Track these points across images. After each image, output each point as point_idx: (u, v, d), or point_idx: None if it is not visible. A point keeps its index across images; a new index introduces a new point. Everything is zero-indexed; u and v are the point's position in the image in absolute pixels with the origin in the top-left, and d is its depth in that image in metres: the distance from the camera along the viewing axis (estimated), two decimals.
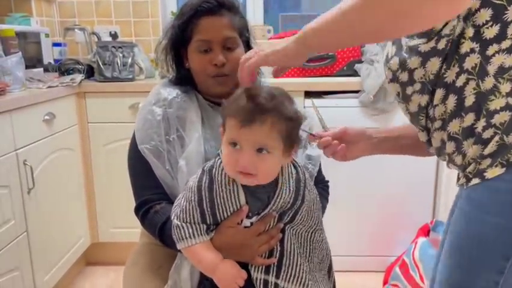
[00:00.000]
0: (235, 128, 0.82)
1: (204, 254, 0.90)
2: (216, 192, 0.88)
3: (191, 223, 0.89)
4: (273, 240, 0.92)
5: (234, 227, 0.91)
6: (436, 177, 2.14)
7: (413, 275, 1.89)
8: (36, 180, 1.75)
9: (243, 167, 0.83)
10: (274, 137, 0.83)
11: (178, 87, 1.12)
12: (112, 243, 2.31)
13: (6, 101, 1.61)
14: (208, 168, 0.90)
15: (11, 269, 1.61)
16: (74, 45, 2.67)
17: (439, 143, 0.87)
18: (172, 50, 1.12)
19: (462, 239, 0.81)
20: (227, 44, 1.05)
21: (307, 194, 0.93)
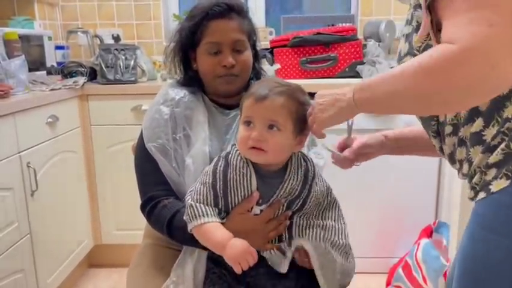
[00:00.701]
0: (250, 105, 0.90)
1: (214, 232, 0.92)
2: (230, 175, 0.92)
3: (204, 204, 0.93)
4: (281, 226, 0.95)
5: (244, 213, 0.94)
6: (439, 178, 2.14)
7: (416, 276, 1.89)
8: (40, 183, 1.76)
9: (255, 141, 0.88)
10: (285, 115, 0.89)
11: (186, 88, 1.14)
12: (115, 245, 2.31)
13: (10, 104, 1.62)
14: (225, 154, 0.95)
15: (15, 271, 1.61)
16: (77, 48, 2.69)
17: (451, 148, 0.84)
18: (180, 51, 1.14)
19: (469, 260, 0.76)
20: (236, 47, 1.08)
21: (314, 185, 0.95)
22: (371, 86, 0.78)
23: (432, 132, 0.88)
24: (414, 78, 0.69)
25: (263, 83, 0.94)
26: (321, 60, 2.17)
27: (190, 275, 1.00)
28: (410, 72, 0.70)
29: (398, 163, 2.09)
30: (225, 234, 0.92)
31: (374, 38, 2.33)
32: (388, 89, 0.74)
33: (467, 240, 0.77)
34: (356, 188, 2.11)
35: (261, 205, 0.93)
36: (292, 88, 0.92)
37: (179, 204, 1.02)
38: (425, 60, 0.68)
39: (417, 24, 0.80)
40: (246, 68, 1.10)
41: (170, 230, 1.03)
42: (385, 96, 0.76)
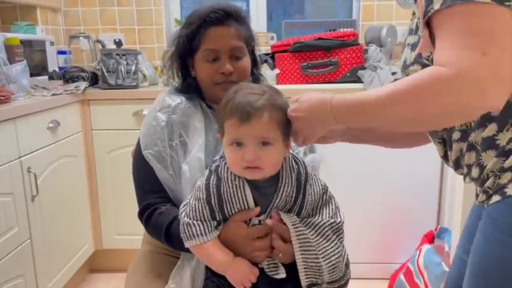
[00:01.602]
0: (235, 127, 0.86)
1: (215, 253, 0.92)
2: (223, 189, 0.91)
3: (201, 220, 0.92)
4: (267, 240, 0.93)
5: (238, 222, 0.93)
6: (441, 183, 2.13)
7: (417, 282, 1.88)
8: (40, 188, 1.76)
9: (250, 162, 0.86)
10: (274, 128, 0.87)
11: (183, 94, 1.14)
12: (116, 250, 2.31)
13: (11, 109, 1.63)
14: (214, 168, 0.94)
15: (15, 276, 1.61)
16: (78, 53, 2.70)
17: (458, 154, 0.85)
18: (178, 58, 1.14)
19: (483, 262, 0.77)
20: (234, 53, 1.08)
21: (308, 187, 0.94)
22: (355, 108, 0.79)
23: (438, 139, 0.88)
24: (401, 102, 0.71)
25: (238, 95, 0.88)
26: (322, 65, 2.17)
27: (188, 281, 1.00)
28: (398, 95, 0.71)
29: (400, 168, 2.08)
30: (226, 256, 0.92)
31: (376, 43, 2.33)
32: (373, 111, 0.76)
33: (480, 242, 0.78)
34: (358, 193, 2.10)
35: (260, 215, 0.92)
36: (269, 95, 0.88)
37: (176, 211, 1.01)
38: (415, 83, 0.70)
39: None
40: (244, 74, 1.10)
41: (168, 238, 1.02)
42: (370, 117, 0.78)
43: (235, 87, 0.92)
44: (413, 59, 0.84)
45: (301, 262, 0.91)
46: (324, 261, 0.91)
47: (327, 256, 0.92)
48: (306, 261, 0.91)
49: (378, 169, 2.10)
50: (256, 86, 0.93)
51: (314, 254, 0.91)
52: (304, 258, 0.91)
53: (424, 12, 0.73)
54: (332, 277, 0.93)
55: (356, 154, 2.06)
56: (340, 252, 0.94)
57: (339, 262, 0.94)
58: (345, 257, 0.99)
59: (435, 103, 0.68)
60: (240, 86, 0.92)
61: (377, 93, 0.74)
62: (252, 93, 0.88)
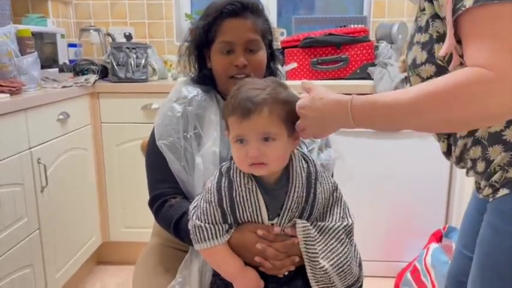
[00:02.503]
0: (237, 124, 0.86)
1: (225, 260, 0.92)
2: (235, 192, 0.90)
3: (212, 223, 0.91)
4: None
5: (254, 233, 0.91)
6: (449, 182, 2.11)
7: (424, 281, 1.87)
8: (50, 179, 1.77)
9: (254, 158, 0.85)
10: (276, 122, 0.85)
11: (199, 86, 1.14)
12: (123, 242, 2.32)
13: (22, 100, 1.64)
14: (225, 170, 0.92)
15: (23, 265, 1.62)
16: (89, 46, 2.71)
17: (462, 148, 0.85)
18: (195, 49, 1.14)
19: (494, 256, 0.78)
20: (249, 46, 1.07)
21: (319, 186, 0.93)
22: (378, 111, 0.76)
23: (444, 135, 0.88)
24: (443, 105, 0.69)
25: (240, 91, 0.88)
26: (332, 61, 2.16)
27: (196, 275, 1.00)
28: (436, 97, 0.69)
29: (409, 166, 2.07)
30: (236, 264, 0.92)
31: (386, 40, 2.31)
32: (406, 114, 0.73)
33: (488, 235, 0.79)
34: (366, 191, 2.09)
35: (272, 219, 0.91)
36: (272, 89, 0.87)
37: (186, 205, 1.01)
38: (454, 86, 0.68)
39: (438, 35, 0.79)
40: (258, 68, 1.09)
41: (177, 231, 1.03)
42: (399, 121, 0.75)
43: (238, 83, 0.91)
44: (425, 58, 0.83)
45: (311, 277, 0.91)
46: (334, 271, 0.90)
47: (339, 266, 0.91)
48: (315, 276, 0.90)
49: (387, 167, 2.09)
50: (259, 81, 0.91)
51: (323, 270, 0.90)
52: (313, 274, 0.90)
53: (453, 10, 0.72)
54: (345, 283, 0.93)
55: (365, 152, 2.05)
56: (350, 257, 0.94)
57: (350, 267, 0.93)
58: (358, 257, 0.98)
59: (478, 105, 0.67)
60: (243, 82, 0.91)
61: (408, 95, 0.72)
62: (254, 89, 0.87)
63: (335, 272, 0.90)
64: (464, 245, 0.99)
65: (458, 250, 1.02)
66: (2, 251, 1.50)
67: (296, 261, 0.91)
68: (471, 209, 1.00)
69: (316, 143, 1.13)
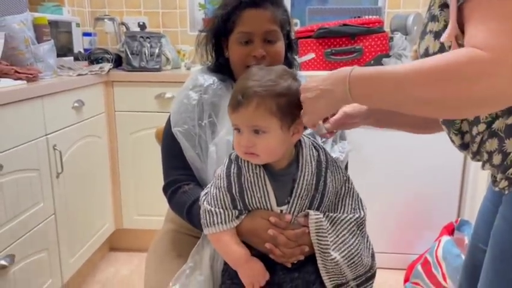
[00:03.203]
0: (230, 113, 0.89)
1: (232, 247, 0.93)
2: (244, 178, 0.91)
3: (223, 208, 0.92)
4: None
5: (265, 219, 0.92)
6: (463, 175, 2.09)
7: (435, 273, 1.86)
8: (65, 165, 1.80)
9: (245, 148, 0.87)
10: (263, 116, 0.85)
11: (216, 74, 1.15)
12: (136, 230, 2.35)
13: (39, 87, 1.66)
14: (235, 157, 0.93)
15: (39, 249, 1.66)
16: (103, 35, 2.72)
17: (478, 141, 0.83)
18: (213, 38, 1.14)
19: (508, 248, 0.76)
20: (268, 37, 1.07)
21: (329, 174, 0.93)
22: (373, 82, 0.73)
23: (454, 130, 0.87)
24: (430, 82, 0.66)
25: (239, 81, 0.89)
26: (346, 52, 2.15)
27: (207, 261, 1.01)
28: (426, 74, 0.67)
29: (422, 158, 2.06)
30: (241, 253, 0.92)
31: (401, 31, 2.29)
32: (393, 89, 0.70)
33: (502, 227, 0.77)
34: (378, 183, 2.09)
35: (281, 206, 0.92)
36: (270, 80, 0.86)
37: (199, 191, 1.02)
38: (449, 63, 0.65)
39: (446, 23, 0.78)
40: (277, 59, 1.08)
41: (189, 216, 1.04)
42: (390, 97, 0.72)
43: (245, 73, 0.92)
44: (438, 47, 0.81)
45: (322, 268, 0.91)
46: (344, 262, 0.91)
47: (350, 257, 0.92)
48: (326, 267, 0.91)
49: (400, 160, 2.09)
50: (262, 71, 0.90)
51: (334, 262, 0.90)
52: (324, 265, 0.91)
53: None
54: (356, 273, 0.94)
55: (377, 144, 2.05)
56: (361, 248, 0.94)
57: (361, 258, 0.93)
58: (370, 248, 0.99)
59: (467, 86, 0.64)
60: (247, 71, 0.92)
61: (402, 68, 0.70)
62: (251, 80, 0.87)
63: (345, 264, 0.91)
64: (479, 238, 0.98)
65: (473, 243, 1.02)
66: (19, 234, 1.54)
67: (306, 250, 0.92)
68: (486, 202, 0.99)
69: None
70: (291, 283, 0.93)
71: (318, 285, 0.93)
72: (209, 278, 1.00)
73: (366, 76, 0.74)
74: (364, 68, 0.76)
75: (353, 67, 0.77)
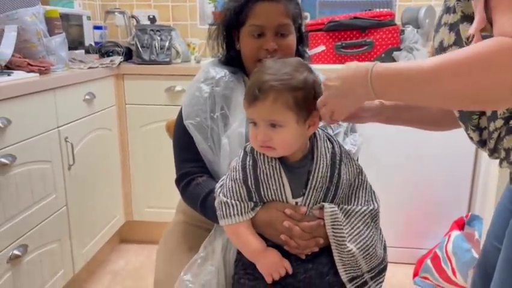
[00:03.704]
0: (247, 107, 0.89)
1: (248, 239, 0.93)
2: (259, 170, 0.91)
3: (238, 200, 0.92)
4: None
5: (280, 211, 0.92)
6: (474, 170, 2.08)
7: (445, 268, 1.86)
8: (76, 157, 1.81)
9: (261, 142, 0.87)
10: (280, 110, 0.86)
11: (227, 67, 1.15)
12: (146, 222, 2.37)
13: (51, 80, 1.68)
14: (250, 149, 0.94)
15: (51, 240, 1.68)
16: (114, 28, 2.73)
17: (496, 138, 0.81)
18: (224, 31, 1.14)
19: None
20: (280, 31, 1.07)
21: (343, 167, 0.93)
22: (397, 78, 0.72)
23: (472, 126, 0.85)
24: (461, 74, 0.65)
25: (255, 74, 0.89)
26: (357, 45, 2.13)
27: (219, 251, 1.02)
28: (459, 66, 0.65)
29: (433, 152, 2.05)
30: (258, 244, 0.93)
31: (413, 24, 2.27)
32: (425, 82, 0.69)
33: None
34: (388, 177, 2.08)
35: (296, 198, 0.92)
36: (286, 73, 0.86)
37: (212, 183, 1.03)
38: (477, 54, 0.64)
39: (463, 15, 0.77)
40: (288, 52, 1.08)
41: (203, 208, 1.05)
42: (418, 90, 0.71)
43: (261, 65, 0.92)
44: (453, 40, 0.80)
45: (338, 260, 0.91)
46: (360, 253, 0.91)
47: (365, 249, 0.92)
48: (342, 259, 0.91)
49: (410, 153, 2.07)
50: (278, 63, 0.90)
51: (351, 254, 0.91)
52: (340, 257, 0.91)
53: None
54: (370, 265, 0.94)
55: (387, 137, 2.04)
56: (375, 240, 0.94)
57: (375, 250, 0.94)
58: (383, 240, 0.99)
59: (498, 75, 0.62)
60: (263, 64, 0.91)
61: (429, 63, 0.68)
62: (267, 73, 0.87)
63: (361, 255, 0.92)
64: (495, 236, 0.97)
65: (489, 241, 1.00)
66: (32, 225, 1.56)
67: (321, 242, 0.92)
68: (504, 200, 0.97)
69: (342, 127, 1.13)
70: (305, 274, 0.93)
71: (331, 277, 0.93)
72: (221, 269, 1.00)
73: (390, 73, 0.73)
74: (385, 65, 0.75)
75: (374, 63, 0.76)
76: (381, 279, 0.98)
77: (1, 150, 1.39)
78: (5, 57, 1.62)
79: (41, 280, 1.62)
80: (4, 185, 1.41)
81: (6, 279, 1.43)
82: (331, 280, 0.93)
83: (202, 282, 0.99)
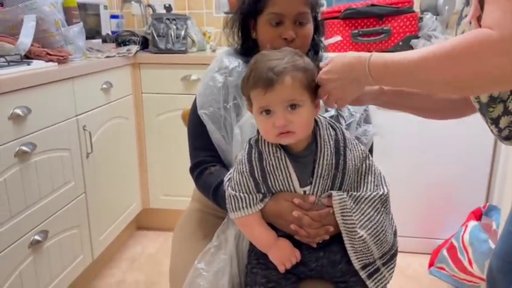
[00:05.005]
0: (261, 96, 0.87)
1: (259, 231, 0.94)
2: (265, 162, 0.91)
3: (247, 193, 0.93)
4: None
5: (289, 201, 0.93)
6: (492, 160, 2.05)
7: (461, 258, 1.84)
8: (94, 146, 1.85)
9: (281, 127, 0.87)
10: (299, 89, 0.87)
11: (241, 56, 1.15)
12: (162, 209, 2.41)
13: (69, 69, 1.70)
14: (254, 141, 0.95)
15: (71, 226, 1.72)
16: (130, 17, 2.75)
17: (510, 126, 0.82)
18: (241, 19, 1.13)
19: None
20: (299, 19, 1.06)
21: (348, 152, 0.93)
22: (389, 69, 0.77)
23: (490, 118, 0.85)
24: (443, 65, 0.69)
25: (258, 64, 0.89)
26: (374, 33, 2.10)
27: (232, 240, 1.03)
28: (440, 56, 0.69)
29: (450, 141, 2.02)
30: (269, 235, 0.94)
31: (431, 11, 2.22)
32: (413, 71, 0.74)
33: None
34: (405, 167, 2.07)
35: (304, 187, 0.92)
36: (289, 58, 0.88)
37: (225, 173, 1.03)
38: (458, 44, 0.67)
39: None
40: (306, 41, 1.08)
41: (215, 197, 1.06)
42: (409, 78, 0.76)
43: (254, 58, 0.92)
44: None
45: (350, 248, 0.92)
46: (371, 239, 0.91)
47: (375, 234, 0.92)
48: (353, 246, 0.91)
49: (428, 142, 2.05)
50: (275, 52, 0.91)
51: (362, 240, 0.91)
52: (352, 244, 0.91)
53: None
54: (381, 251, 0.94)
55: (405, 127, 2.01)
56: (386, 225, 0.94)
57: (386, 235, 0.94)
58: (394, 226, 0.99)
59: (478, 65, 0.66)
60: (259, 55, 0.92)
61: (419, 53, 0.73)
62: (272, 60, 0.87)
63: (372, 241, 0.91)
64: None
65: (508, 231, 1.00)
66: (52, 211, 1.60)
67: (330, 230, 0.92)
68: None
69: (354, 117, 1.12)
70: (316, 262, 0.94)
71: (343, 265, 0.94)
72: (233, 257, 1.02)
73: (383, 63, 0.79)
74: (381, 55, 0.80)
75: (370, 54, 0.81)
76: (393, 265, 0.98)
77: (22, 139, 1.43)
78: (24, 47, 1.65)
79: (61, 265, 1.67)
80: (25, 173, 1.45)
81: (28, 264, 1.48)
82: (344, 269, 0.94)
83: (215, 270, 1.00)
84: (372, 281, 0.94)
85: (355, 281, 0.94)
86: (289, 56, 0.89)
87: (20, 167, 1.42)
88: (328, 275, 0.96)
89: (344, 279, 0.95)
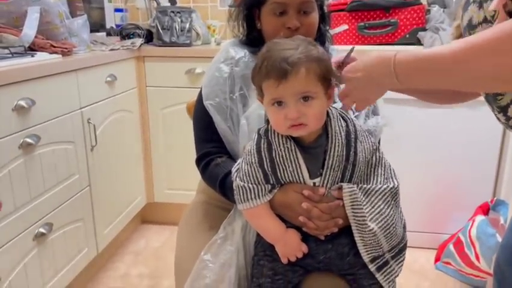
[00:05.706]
0: (274, 87, 0.84)
1: (267, 221, 0.93)
2: (275, 153, 0.90)
3: (255, 183, 0.92)
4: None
5: (298, 193, 0.91)
6: (500, 154, 2.02)
7: (468, 253, 1.83)
8: (99, 139, 1.84)
9: (293, 119, 0.85)
10: (313, 81, 0.84)
11: (247, 47, 1.13)
12: (166, 203, 2.40)
13: (73, 61, 1.69)
14: (263, 132, 0.93)
15: (75, 219, 1.72)
16: (134, 10, 2.73)
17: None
18: (245, 9, 1.12)
19: None
20: (303, 8, 1.04)
21: (359, 144, 0.92)
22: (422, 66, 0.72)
23: (497, 107, 0.83)
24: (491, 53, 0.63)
25: (271, 53, 0.85)
26: (381, 25, 2.08)
27: (238, 232, 1.02)
28: (484, 46, 0.64)
29: (457, 134, 2.00)
30: (277, 227, 0.93)
31: (439, 4, 2.19)
32: (450, 66, 0.68)
33: None
34: (412, 160, 2.05)
35: (313, 178, 0.91)
36: (304, 47, 0.85)
37: (232, 164, 1.02)
38: (500, 31, 0.62)
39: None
40: (311, 30, 1.06)
41: (222, 189, 1.05)
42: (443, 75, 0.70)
43: (266, 46, 0.89)
44: (482, 17, 0.77)
45: (360, 240, 0.90)
46: (381, 232, 0.90)
47: (386, 227, 0.90)
48: (363, 239, 0.90)
49: (435, 136, 2.03)
50: (288, 41, 0.88)
51: (372, 233, 0.89)
52: (361, 237, 0.90)
53: None
54: (391, 244, 0.93)
55: (413, 120, 2.00)
56: (396, 218, 0.93)
57: (396, 228, 0.92)
58: (403, 219, 0.98)
59: None
60: (271, 44, 0.89)
61: (451, 47, 0.67)
62: (285, 49, 0.84)
63: (382, 234, 0.90)
64: None
65: None
66: (57, 204, 1.59)
67: (340, 223, 0.91)
68: None
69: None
70: (324, 255, 0.93)
71: (352, 257, 0.92)
72: (240, 249, 1.01)
73: (415, 59, 0.73)
74: (408, 52, 0.75)
75: (396, 51, 0.76)
76: (402, 258, 0.97)
77: (26, 130, 1.42)
78: (28, 39, 1.64)
79: (66, 258, 1.66)
80: (29, 165, 1.44)
81: (33, 256, 1.48)
82: (352, 261, 0.93)
83: (221, 261, 0.99)
84: (381, 274, 0.93)
85: (363, 274, 0.93)
86: (303, 45, 0.86)
87: (25, 159, 1.42)
88: (336, 267, 0.94)
89: (351, 271, 0.94)
